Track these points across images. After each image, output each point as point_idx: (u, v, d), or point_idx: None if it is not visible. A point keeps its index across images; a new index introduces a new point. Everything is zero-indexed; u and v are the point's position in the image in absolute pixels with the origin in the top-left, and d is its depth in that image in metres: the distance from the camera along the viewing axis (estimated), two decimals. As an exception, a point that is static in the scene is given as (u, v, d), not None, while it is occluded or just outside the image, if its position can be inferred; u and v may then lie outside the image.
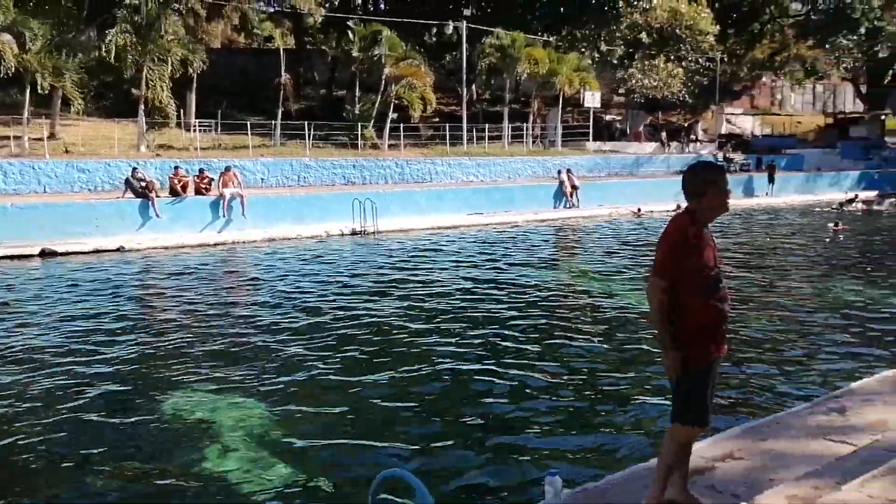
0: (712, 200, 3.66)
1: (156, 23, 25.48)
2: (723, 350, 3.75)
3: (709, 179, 3.69)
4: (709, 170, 3.80)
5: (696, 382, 3.67)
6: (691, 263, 3.61)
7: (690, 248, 3.62)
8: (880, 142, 48.49)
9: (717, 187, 3.66)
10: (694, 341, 3.64)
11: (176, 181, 20.22)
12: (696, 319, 3.63)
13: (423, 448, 6.21)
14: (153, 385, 7.92)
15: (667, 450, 3.83)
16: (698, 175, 3.73)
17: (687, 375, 3.67)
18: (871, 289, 13.14)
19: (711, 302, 3.63)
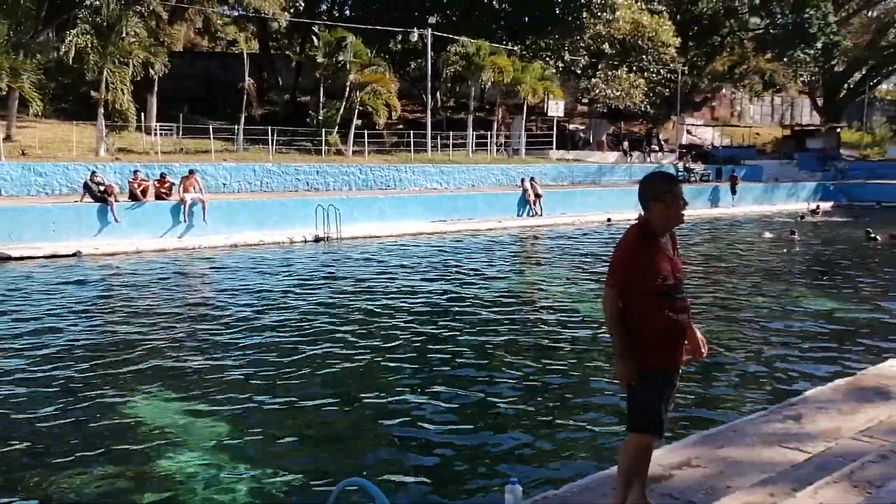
0: (665, 211, 3.68)
1: (117, 24, 25.07)
2: (678, 361, 3.76)
3: (661, 190, 3.71)
4: (662, 180, 3.81)
5: (646, 390, 3.70)
6: (644, 273, 3.63)
7: (642, 258, 3.65)
8: (836, 153, 49.63)
9: (670, 197, 3.67)
10: (645, 350, 3.67)
11: (136, 185, 19.91)
12: (647, 328, 3.66)
13: (383, 456, 6.18)
14: (107, 393, 7.76)
15: (623, 458, 3.88)
16: (652, 185, 3.75)
17: (639, 384, 3.70)
18: (825, 298, 13.42)
19: (665, 312, 3.64)
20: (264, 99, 39.42)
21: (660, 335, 3.67)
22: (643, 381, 3.69)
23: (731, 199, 36.00)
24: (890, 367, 6.85)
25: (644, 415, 3.72)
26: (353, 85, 31.31)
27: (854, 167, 46.28)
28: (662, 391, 3.71)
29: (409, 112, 41.00)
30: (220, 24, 42.17)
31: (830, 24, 45.06)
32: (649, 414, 3.71)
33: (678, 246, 3.90)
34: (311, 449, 6.39)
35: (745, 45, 48.37)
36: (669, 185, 3.74)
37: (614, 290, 3.69)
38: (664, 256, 3.70)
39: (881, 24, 53.21)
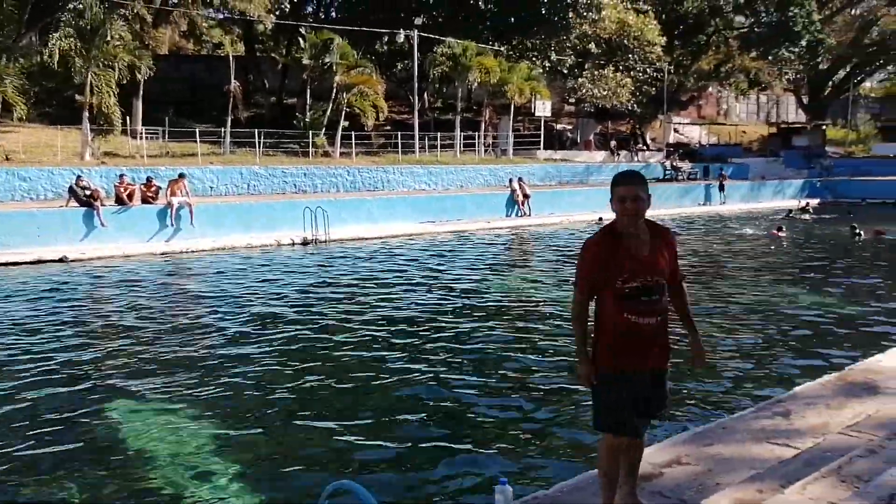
0: (615, 209, 3.62)
1: (101, 28, 24.92)
2: (643, 364, 3.67)
3: (612, 188, 3.64)
4: (613, 179, 3.71)
5: (609, 392, 3.68)
6: (605, 274, 3.59)
7: (602, 259, 3.61)
8: (821, 151, 49.99)
9: (615, 195, 3.60)
10: (609, 351, 3.65)
11: (122, 189, 19.79)
12: (609, 329, 3.64)
13: (371, 459, 6.15)
14: (93, 398, 7.69)
15: (598, 457, 3.90)
16: (610, 185, 3.69)
17: (603, 385, 3.69)
18: (813, 294, 13.49)
19: (625, 314, 3.58)
20: (250, 101, 39.33)
21: (620, 337, 3.62)
22: (605, 382, 3.67)
23: (720, 198, 36.20)
24: (877, 362, 6.87)
25: (608, 415, 3.71)
26: (340, 86, 31.27)
27: (839, 164, 46.62)
28: (624, 393, 3.64)
29: (396, 113, 40.99)
30: (205, 27, 42.03)
31: (814, 23, 45.38)
32: (613, 414, 3.69)
33: (670, 247, 3.76)
34: (298, 452, 6.35)
35: (730, 43, 48.63)
36: (617, 182, 3.64)
37: (580, 293, 3.69)
38: (629, 257, 3.59)
39: (864, 21, 53.62)
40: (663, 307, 3.67)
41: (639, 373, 3.66)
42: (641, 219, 3.64)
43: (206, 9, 35.78)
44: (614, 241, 3.62)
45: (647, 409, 3.73)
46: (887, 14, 51.78)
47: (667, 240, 3.77)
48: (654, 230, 3.72)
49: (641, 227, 3.66)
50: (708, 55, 49.99)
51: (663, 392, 3.78)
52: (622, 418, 3.67)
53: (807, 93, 58.21)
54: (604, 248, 3.63)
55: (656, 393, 3.73)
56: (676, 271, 3.81)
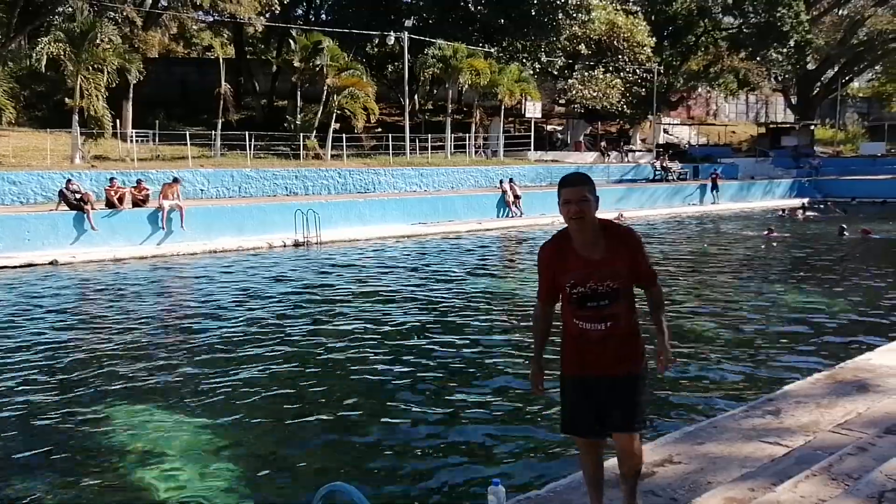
0: (561, 210, 3.54)
1: (90, 31, 24.85)
2: (587, 370, 3.61)
3: (557, 193, 3.56)
4: (559, 181, 3.60)
5: (561, 394, 3.76)
6: (556, 280, 3.59)
7: (554, 263, 3.60)
8: (810, 150, 50.27)
9: (560, 198, 3.52)
10: (566, 354, 3.70)
11: (112, 193, 19.72)
12: (566, 333, 3.68)
13: (364, 460, 6.16)
14: (84, 401, 7.67)
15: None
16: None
17: (562, 388, 3.75)
18: (803, 293, 13.56)
19: (574, 320, 3.59)
20: (241, 104, 39.29)
21: (573, 342, 3.63)
22: (564, 386, 3.75)
23: (712, 197, 36.39)
24: (867, 361, 6.93)
25: (564, 416, 3.78)
26: (331, 89, 31.26)
27: (828, 163, 46.87)
28: (581, 397, 3.65)
29: (387, 115, 40.99)
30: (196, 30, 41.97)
31: (802, 23, 45.62)
32: (563, 415, 3.78)
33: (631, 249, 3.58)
34: (291, 454, 6.35)
35: (719, 44, 48.83)
36: (560, 186, 3.55)
37: (539, 300, 3.74)
38: (578, 262, 3.52)
39: (852, 22, 53.97)
40: (613, 313, 3.52)
41: (585, 378, 3.64)
42: (589, 221, 3.50)
43: (196, 11, 35.74)
44: (565, 246, 3.57)
45: (611, 418, 3.60)
46: (874, 14, 52.14)
47: (626, 241, 3.59)
48: (610, 232, 3.58)
49: (593, 230, 3.53)
50: (697, 56, 50.20)
51: (625, 401, 3.58)
52: (569, 417, 3.73)
53: (795, 93, 58.54)
54: (554, 252, 3.61)
55: (616, 401, 3.58)
56: (642, 273, 3.64)
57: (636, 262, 3.60)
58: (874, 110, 65.89)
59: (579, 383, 3.66)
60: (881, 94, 61.60)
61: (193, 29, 44.13)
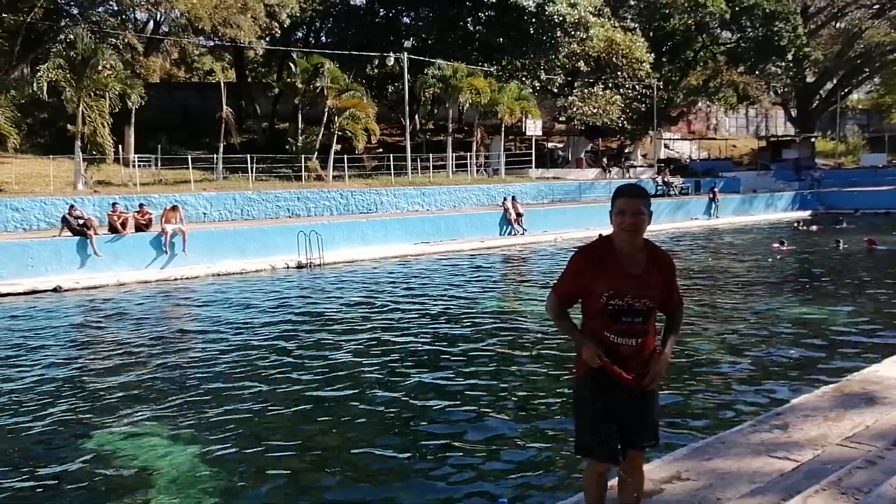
0: (613, 222, 3.51)
1: (92, 58, 25.04)
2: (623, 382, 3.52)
3: (612, 199, 3.55)
4: (616, 189, 3.61)
5: (583, 406, 3.63)
6: (590, 287, 3.49)
7: (594, 269, 3.49)
8: (811, 163, 50.34)
9: (616, 207, 3.49)
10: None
11: (115, 218, 19.77)
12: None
13: (369, 480, 6.11)
14: (87, 424, 7.64)
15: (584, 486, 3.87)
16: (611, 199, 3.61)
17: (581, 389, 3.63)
18: (809, 305, 13.51)
19: (605, 332, 3.50)
20: (243, 127, 39.48)
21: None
22: (580, 398, 3.65)
23: (714, 210, 36.43)
24: (874, 373, 6.88)
25: (580, 436, 3.69)
26: (332, 110, 31.43)
27: (829, 175, 46.94)
28: (598, 405, 3.58)
29: (388, 136, 41.20)
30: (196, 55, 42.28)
31: (800, 36, 45.85)
32: (583, 436, 3.67)
33: (666, 272, 3.61)
34: (292, 472, 6.30)
35: (717, 59, 49.11)
36: (616, 197, 3.53)
37: (555, 295, 3.61)
38: (619, 273, 3.47)
39: (849, 34, 54.22)
40: (646, 331, 3.53)
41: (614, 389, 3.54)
42: (640, 235, 3.51)
43: (197, 37, 36.04)
44: (608, 254, 3.51)
45: (633, 432, 3.59)
46: (872, 26, 52.39)
47: (663, 264, 3.62)
48: (651, 251, 3.59)
49: (639, 245, 3.53)
50: (696, 71, 50.46)
51: (648, 415, 3.61)
52: (600, 440, 3.56)
53: (795, 106, 58.73)
54: (596, 257, 3.52)
55: (639, 416, 3.58)
56: (672, 298, 3.67)
57: (670, 286, 3.63)
58: (874, 122, 66.05)
59: (604, 381, 3.51)
60: (880, 106, 61.79)
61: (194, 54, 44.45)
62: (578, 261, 3.55)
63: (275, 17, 34.19)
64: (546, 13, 36.21)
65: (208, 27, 32.24)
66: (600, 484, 3.73)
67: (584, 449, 3.65)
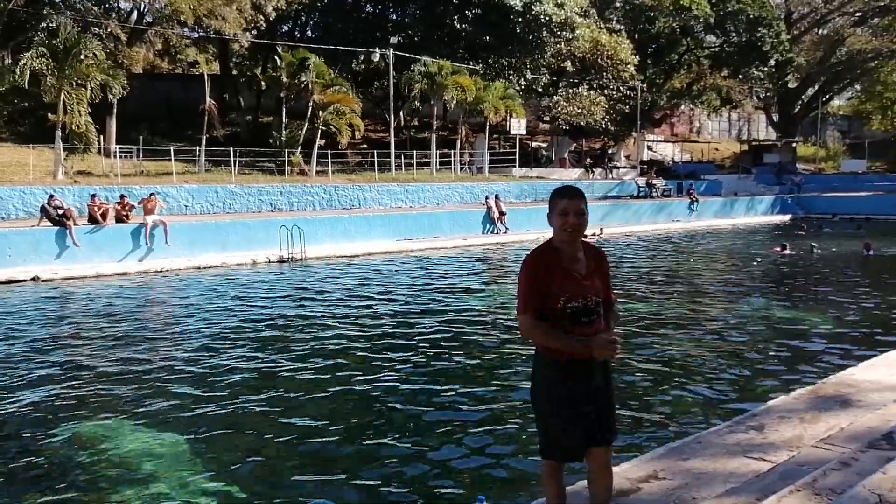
0: (555, 223, 3.50)
1: (74, 47, 24.77)
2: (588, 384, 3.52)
3: (552, 200, 3.53)
4: (554, 191, 3.59)
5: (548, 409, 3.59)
6: (548, 292, 3.43)
7: (544, 276, 3.45)
8: (792, 167, 50.76)
9: (557, 207, 3.48)
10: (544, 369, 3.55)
11: (95, 209, 19.58)
12: (547, 350, 3.53)
13: (348, 477, 6.10)
14: (65, 417, 7.58)
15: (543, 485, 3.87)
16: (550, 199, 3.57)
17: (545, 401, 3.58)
18: (787, 309, 13.64)
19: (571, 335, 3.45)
20: (226, 120, 39.21)
21: (558, 357, 3.49)
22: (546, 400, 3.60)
23: (689, 212, 36.64)
24: (850, 376, 6.96)
25: (544, 438, 3.66)
26: (316, 105, 31.26)
27: (809, 180, 47.35)
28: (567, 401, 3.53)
29: (372, 132, 41.06)
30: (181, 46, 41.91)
31: (783, 42, 46.22)
32: (546, 437, 3.64)
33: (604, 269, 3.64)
34: (276, 472, 6.29)
35: (701, 62, 49.35)
36: (557, 196, 3.52)
37: (528, 314, 3.45)
38: (569, 275, 3.47)
39: (831, 41, 54.67)
40: (601, 327, 3.53)
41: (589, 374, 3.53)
42: (581, 235, 3.53)
43: (181, 28, 35.72)
44: (552, 257, 3.50)
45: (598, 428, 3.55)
46: (853, 34, 52.87)
47: (601, 261, 3.66)
48: (588, 250, 3.62)
49: (578, 246, 3.55)
50: (680, 74, 50.71)
51: (610, 409, 3.63)
52: (564, 439, 3.54)
53: (777, 111, 59.14)
54: (544, 263, 3.49)
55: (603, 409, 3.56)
56: (610, 293, 3.68)
57: (607, 282, 3.67)
58: (854, 128, 66.68)
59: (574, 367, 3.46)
60: (861, 113, 62.36)
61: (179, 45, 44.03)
62: (531, 268, 3.50)
63: (260, 9, 33.97)
64: (533, 12, 36.24)
65: (191, 20, 31.97)
66: (559, 483, 3.71)
67: (549, 448, 3.61)
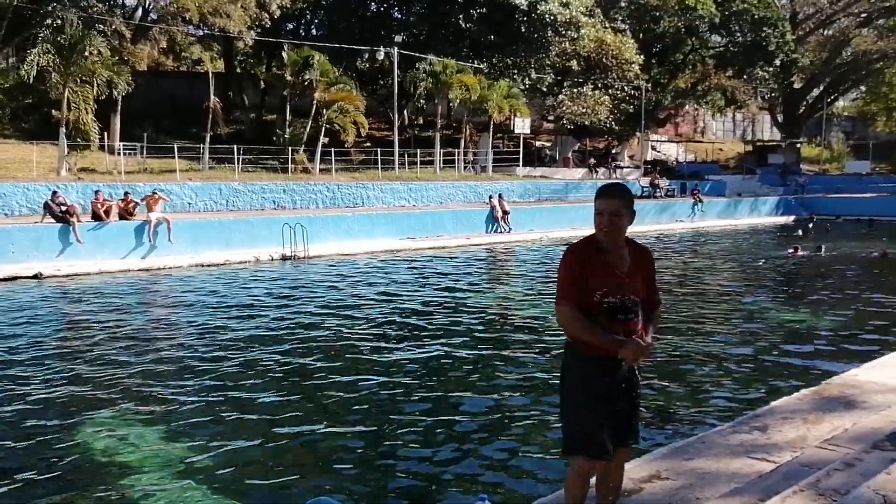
0: (595, 221, 3.53)
1: (79, 44, 24.79)
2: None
3: (594, 199, 3.56)
4: (598, 188, 3.63)
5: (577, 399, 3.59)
6: (584, 285, 3.46)
7: (583, 269, 3.47)
8: (796, 168, 50.70)
9: (595, 207, 3.53)
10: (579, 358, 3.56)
11: (98, 205, 19.60)
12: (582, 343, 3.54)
13: (350, 474, 6.09)
14: (65, 415, 7.57)
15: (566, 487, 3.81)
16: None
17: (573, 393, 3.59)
18: (790, 310, 13.61)
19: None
20: (230, 118, 39.20)
21: (592, 351, 3.52)
22: (573, 393, 3.60)
23: (693, 213, 36.62)
24: (853, 377, 6.94)
25: (570, 432, 3.64)
26: (320, 103, 31.27)
27: (813, 181, 47.29)
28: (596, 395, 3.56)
29: (376, 130, 41.06)
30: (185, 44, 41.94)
31: (788, 43, 46.16)
32: (573, 431, 3.62)
33: (648, 268, 3.67)
34: (275, 468, 6.28)
35: (706, 62, 49.28)
36: (596, 195, 3.56)
37: (566, 305, 3.49)
38: (608, 271, 3.49)
39: (836, 42, 54.57)
40: (636, 328, 3.55)
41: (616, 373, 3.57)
42: (620, 235, 3.53)
43: (186, 25, 35.73)
44: (594, 253, 3.52)
45: (625, 426, 3.59)
46: (858, 35, 52.77)
47: (645, 260, 3.67)
48: (634, 248, 3.63)
49: (622, 243, 3.56)
50: (685, 74, 50.64)
51: (636, 410, 3.67)
52: (594, 434, 3.50)
53: (781, 111, 59.07)
54: (583, 257, 3.51)
55: (630, 409, 3.61)
56: (653, 294, 3.71)
57: (651, 282, 3.69)
58: (858, 129, 66.60)
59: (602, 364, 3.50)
60: (865, 114, 62.25)
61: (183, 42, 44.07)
62: (571, 260, 3.52)
63: (265, 7, 33.94)
64: (538, 12, 36.21)
65: (196, 18, 31.96)
66: (584, 484, 3.68)
67: (576, 442, 3.56)
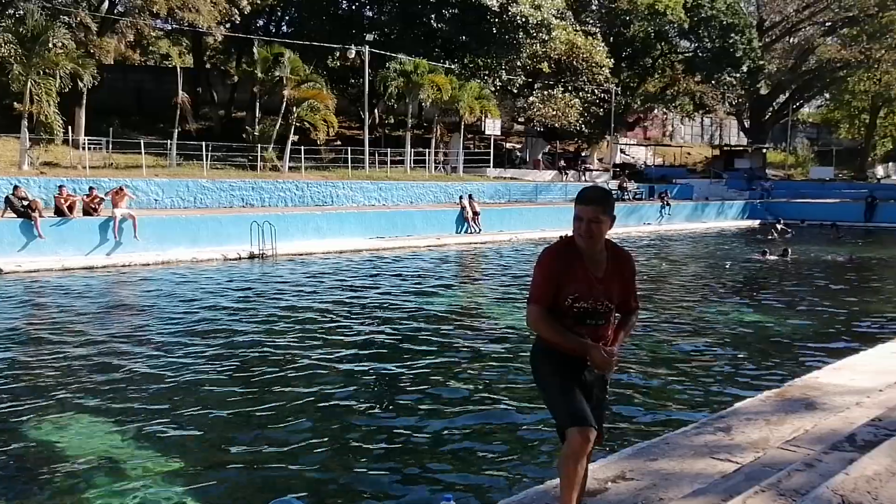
0: (574, 226, 3.53)
1: (42, 35, 24.32)
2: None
3: (575, 206, 3.54)
4: (578, 193, 3.61)
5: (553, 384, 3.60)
6: (559, 289, 3.47)
7: (558, 271, 3.48)
8: (762, 173, 51.47)
9: (575, 214, 3.51)
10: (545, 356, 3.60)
11: (61, 200, 19.24)
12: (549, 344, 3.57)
13: (314, 475, 6.04)
14: (25, 412, 7.42)
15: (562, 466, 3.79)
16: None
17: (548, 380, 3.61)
18: (754, 312, 13.79)
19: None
20: (199, 114, 38.77)
21: (560, 356, 3.54)
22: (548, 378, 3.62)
23: (661, 216, 36.98)
24: (815, 379, 7.04)
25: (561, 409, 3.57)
26: (290, 101, 31.03)
27: (779, 186, 48.01)
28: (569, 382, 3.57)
29: (346, 129, 40.89)
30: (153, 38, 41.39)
31: (755, 49, 46.87)
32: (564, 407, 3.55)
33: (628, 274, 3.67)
34: (238, 467, 6.20)
35: (675, 67, 49.82)
36: (576, 200, 3.54)
37: (538, 305, 3.49)
38: (583, 275, 3.49)
39: (802, 50, 55.51)
40: (605, 334, 3.57)
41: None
42: (598, 241, 3.52)
43: (154, 19, 35.24)
44: (571, 256, 3.51)
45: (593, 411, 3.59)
46: (823, 43, 53.71)
47: (624, 264, 3.66)
48: (614, 253, 3.63)
49: (600, 248, 3.56)
50: (654, 78, 51.14)
51: (602, 402, 3.73)
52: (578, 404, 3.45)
53: (748, 117, 59.93)
54: (559, 259, 3.51)
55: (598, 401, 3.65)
56: (630, 299, 3.71)
57: (629, 288, 3.67)
58: (823, 136, 67.86)
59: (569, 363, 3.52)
60: (829, 121, 63.45)
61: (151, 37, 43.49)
62: (546, 262, 3.52)
63: (235, 3, 33.60)
64: (509, 13, 36.31)
65: (164, 12, 31.54)
66: (579, 465, 3.49)
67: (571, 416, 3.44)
